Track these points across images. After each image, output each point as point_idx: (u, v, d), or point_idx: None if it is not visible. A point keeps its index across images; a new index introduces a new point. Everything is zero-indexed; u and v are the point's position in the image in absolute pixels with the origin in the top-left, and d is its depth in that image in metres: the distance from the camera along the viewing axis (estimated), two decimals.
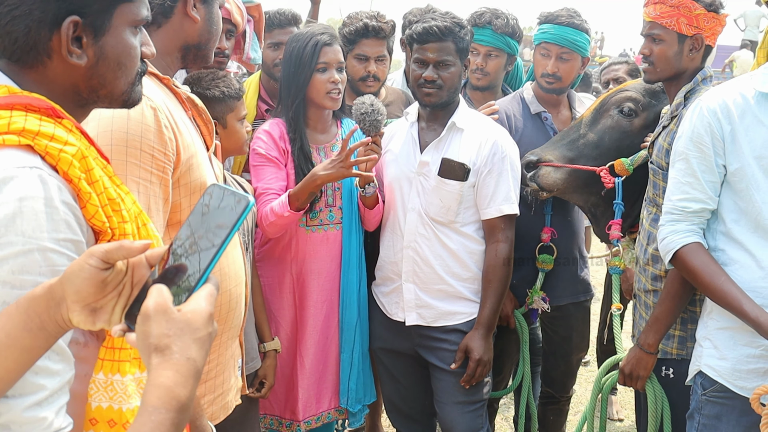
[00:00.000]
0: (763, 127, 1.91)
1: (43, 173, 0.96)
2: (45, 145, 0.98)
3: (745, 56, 6.97)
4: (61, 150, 0.99)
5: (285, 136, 2.60)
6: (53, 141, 0.99)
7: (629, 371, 2.33)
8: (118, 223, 1.06)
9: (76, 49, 1.07)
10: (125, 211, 1.08)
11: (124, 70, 1.14)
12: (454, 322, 2.59)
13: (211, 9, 1.76)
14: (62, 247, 0.96)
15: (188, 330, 0.87)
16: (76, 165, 1.00)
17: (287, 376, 2.68)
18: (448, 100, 2.55)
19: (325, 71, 2.56)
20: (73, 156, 1.00)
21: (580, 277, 3.07)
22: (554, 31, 2.87)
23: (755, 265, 1.92)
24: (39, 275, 0.94)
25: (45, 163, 0.98)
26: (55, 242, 0.95)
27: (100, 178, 1.04)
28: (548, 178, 2.66)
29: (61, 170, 0.99)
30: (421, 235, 2.57)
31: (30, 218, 0.93)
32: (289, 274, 2.64)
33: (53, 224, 0.95)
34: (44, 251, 0.94)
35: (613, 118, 2.63)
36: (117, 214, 1.06)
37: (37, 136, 0.98)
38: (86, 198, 1.01)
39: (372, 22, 2.88)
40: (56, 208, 0.96)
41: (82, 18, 1.06)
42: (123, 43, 1.13)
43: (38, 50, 1.05)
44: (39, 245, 0.94)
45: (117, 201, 1.06)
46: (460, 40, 2.50)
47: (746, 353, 1.95)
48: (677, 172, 2.06)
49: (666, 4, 2.33)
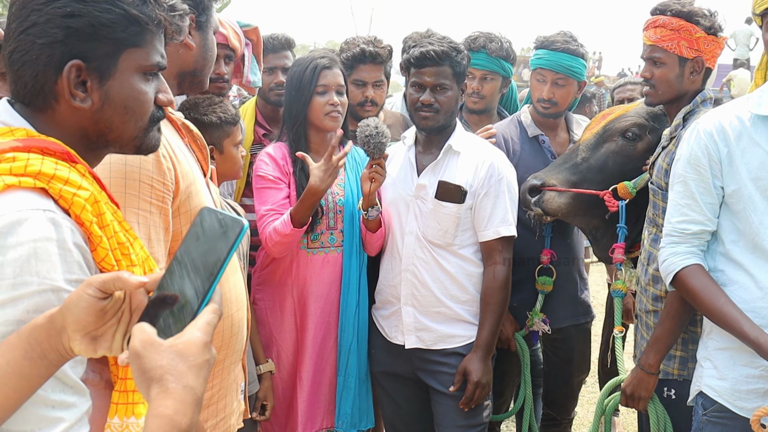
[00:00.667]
0: (760, 149, 1.92)
1: (56, 216, 0.99)
2: (59, 188, 1.00)
3: (742, 75, 7.05)
4: (74, 194, 1.01)
5: (287, 158, 2.62)
6: (67, 185, 1.01)
7: (631, 392, 2.34)
8: (127, 267, 1.08)
9: (80, 93, 1.10)
10: (134, 255, 1.10)
11: (132, 115, 1.16)
12: (453, 345, 2.59)
13: (205, 36, 1.78)
14: (74, 287, 0.98)
15: (181, 359, 0.88)
16: (88, 209, 1.02)
17: (287, 398, 2.68)
18: (444, 124, 2.56)
19: (325, 94, 2.59)
20: (86, 200, 1.02)
21: (580, 299, 3.07)
22: (549, 57, 2.90)
23: (754, 285, 1.93)
24: None
25: (58, 206, 1.01)
26: (68, 282, 0.98)
27: (111, 223, 1.06)
28: (553, 203, 2.66)
29: (74, 214, 1.01)
30: (419, 258, 2.57)
31: (44, 259, 0.95)
32: (291, 297, 2.64)
33: (66, 265, 0.98)
34: (58, 291, 0.97)
35: (617, 143, 2.63)
36: (126, 258, 1.08)
37: (52, 179, 1.00)
38: (97, 241, 1.03)
39: (369, 47, 2.91)
40: (69, 250, 0.98)
41: (86, 62, 1.09)
42: (130, 88, 1.14)
43: (46, 94, 1.09)
44: (53, 285, 0.96)
45: (126, 245, 1.09)
46: (456, 64, 2.52)
47: (746, 373, 1.96)
48: (676, 195, 2.08)
49: (667, 27, 2.36)
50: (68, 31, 1.06)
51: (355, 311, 2.67)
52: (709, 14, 2.38)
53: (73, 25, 1.07)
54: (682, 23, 2.35)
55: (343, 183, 2.69)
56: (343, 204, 2.65)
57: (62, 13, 1.06)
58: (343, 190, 2.67)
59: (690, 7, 2.37)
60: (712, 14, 2.39)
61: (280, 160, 2.61)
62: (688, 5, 2.38)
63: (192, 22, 1.71)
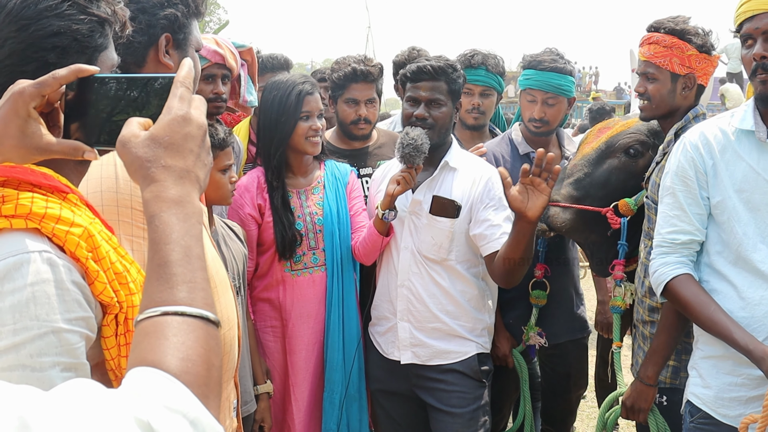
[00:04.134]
0: (743, 162, 1.97)
1: (51, 256, 0.98)
2: (52, 227, 1.00)
3: (732, 89, 7.16)
4: (67, 232, 1.01)
5: (263, 185, 2.66)
6: (59, 223, 1.01)
7: (631, 404, 2.36)
8: (126, 296, 1.07)
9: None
10: (132, 283, 1.09)
11: None
12: (449, 361, 2.59)
13: (184, 54, 1.72)
14: (75, 326, 0.98)
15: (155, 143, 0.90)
16: (83, 245, 1.02)
17: (280, 421, 2.68)
18: (438, 141, 2.57)
19: (308, 119, 2.63)
20: (79, 237, 1.02)
21: (576, 314, 3.07)
22: (538, 77, 2.91)
23: (736, 295, 1.96)
24: (56, 355, 0.95)
25: (53, 244, 1.00)
26: (68, 322, 0.97)
27: (107, 254, 1.06)
28: (558, 219, 2.66)
29: (69, 250, 1.01)
30: (414, 274, 2.59)
31: (43, 302, 0.95)
32: (280, 319, 2.67)
33: (65, 305, 0.97)
34: (59, 332, 0.96)
35: (620, 159, 2.64)
36: (124, 287, 1.07)
37: (43, 219, 1.00)
38: (94, 276, 1.03)
39: (360, 66, 2.95)
40: (67, 290, 0.98)
41: None
42: None
43: None
44: (53, 327, 0.96)
45: (124, 274, 1.08)
46: (452, 81, 2.55)
47: (728, 381, 1.99)
48: (665, 207, 2.11)
49: (660, 44, 2.41)
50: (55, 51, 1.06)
51: (339, 327, 2.68)
52: (702, 33, 2.42)
53: (59, 44, 1.06)
54: (675, 40, 2.39)
55: (321, 201, 2.71)
56: (323, 223, 2.67)
57: (45, 34, 1.06)
58: (322, 208, 2.70)
59: (683, 26, 2.41)
60: (706, 33, 2.43)
61: (256, 192, 2.66)
62: (682, 23, 2.42)
63: (168, 41, 1.67)
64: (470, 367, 2.60)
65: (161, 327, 0.80)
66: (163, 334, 0.79)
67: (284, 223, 2.59)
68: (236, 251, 2.39)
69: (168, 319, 0.81)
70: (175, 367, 0.76)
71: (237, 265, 2.40)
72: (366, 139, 3.10)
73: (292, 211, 2.63)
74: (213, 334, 0.83)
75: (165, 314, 0.81)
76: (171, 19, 1.70)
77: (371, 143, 3.12)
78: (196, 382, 0.77)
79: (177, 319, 0.81)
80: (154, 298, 0.83)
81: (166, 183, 0.89)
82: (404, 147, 2.42)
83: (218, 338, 0.85)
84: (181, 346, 0.79)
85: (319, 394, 2.69)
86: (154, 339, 0.79)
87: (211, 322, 0.83)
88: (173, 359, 0.77)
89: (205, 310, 0.83)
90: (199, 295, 0.84)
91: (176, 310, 0.81)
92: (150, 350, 0.78)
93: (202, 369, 0.79)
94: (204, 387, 0.78)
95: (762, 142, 1.94)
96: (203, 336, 0.81)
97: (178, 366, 0.77)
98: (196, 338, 0.80)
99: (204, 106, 0.98)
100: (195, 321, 0.82)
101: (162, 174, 0.89)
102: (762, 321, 1.90)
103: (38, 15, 1.07)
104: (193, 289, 0.84)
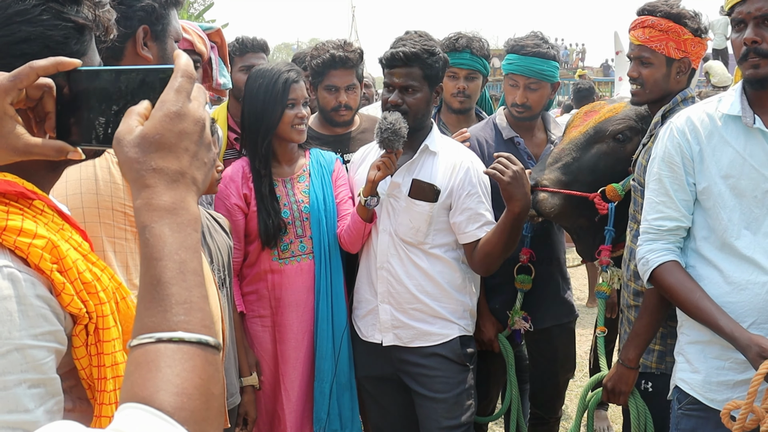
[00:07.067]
0: (729, 148, 1.96)
1: (12, 271, 0.93)
2: (13, 240, 0.95)
3: (716, 65, 7.17)
4: (30, 244, 0.96)
5: (248, 174, 2.64)
6: (21, 235, 0.96)
7: (612, 387, 2.38)
8: (96, 306, 1.03)
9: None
10: (102, 292, 1.04)
11: None
12: (430, 343, 2.60)
13: (164, 46, 1.70)
14: (42, 341, 0.94)
15: (146, 143, 0.83)
16: (46, 257, 0.97)
17: (270, 412, 2.67)
18: (415, 126, 2.53)
19: (294, 107, 2.61)
20: (42, 249, 0.97)
21: (562, 298, 3.07)
22: (520, 62, 2.88)
23: (723, 280, 1.97)
24: (21, 372, 0.91)
25: (15, 257, 0.95)
26: (33, 338, 0.93)
27: (74, 264, 1.01)
28: (546, 204, 2.62)
29: (32, 263, 0.96)
30: (393, 255, 2.59)
31: (4, 320, 0.90)
32: (269, 308, 2.65)
33: (28, 321, 0.93)
34: (22, 349, 0.91)
35: (608, 144, 2.62)
36: (93, 297, 1.03)
37: (4, 232, 0.95)
38: (60, 288, 0.98)
39: (339, 52, 2.91)
40: (30, 305, 0.93)
41: None
42: None
43: None
44: (16, 344, 0.91)
45: (93, 284, 1.03)
46: (428, 66, 2.51)
47: (716, 365, 2.00)
48: (651, 193, 2.11)
49: (655, 28, 2.39)
50: (24, 59, 0.98)
51: (328, 316, 2.67)
52: (695, 15, 2.42)
53: (28, 51, 1.01)
54: (671, 25, 2.37)
55: (307, 189, 2.69)
56: (309, 210, 2.66)
57: (13, 40, 1.01)
58: (308, 196, 2.68)
59: (678, 9, 2.40)
60: (698, 15, 2.43)
61: (241, 181, 2.63)
62: (676, 7, 2.41)
63: (146, 33, 1.64)
64: (453, 350, 2.60)
65: (154, 357, 0.74)
66: (156, 365, 0.73)
67: (268, 211, 2.57)
68: (221, 243, 2.37)
69: (161, 347, 0.74)
70: (169, 403, 0.70)
71: (222, 257, 2.38)
72: (348, 125, 3.07)
73: (278, 199, 2.62)
74: (212, 360, 0.77)
75: (159, 341, 0.74)
76: (148, 10, 1.67)
77: (354, 129, 3.09)
78: (193, 418, 0.71)
79: (171, 347, 0.74)
80: (146, 323, 0.76)
81: (158, 188, 0.82)
82: (382, 132, 2.41)
83: (218, 363, 0.79)
84: (175, 378, 0.72)
85: (309, 383, 2.69)
86: (146, 371, 0.73)
87: (210, 347, 0.77)
88: (166, 395, 0.71)
89: (203, 334, 0.77)
90: (195, 317, 0.77)
91: (170, 336, 0.75)
92: (142, 384, 0.72)
93: (200, 403, 0.73)
94: (202, 423, 0.72)
95: (749, 127, 1.93)
96: (200, 364, 0.75)
97: (173, 402, 0.71)
98: (192, 367, 0.74)
99: (204, 96, 0.90)
100: (191, 348, 0.75)
101: (153, 178, 0.82)
102: (748, 305, 1.91)
103: (7, 20, 1.01)
104: (189, 311, 0.77)
